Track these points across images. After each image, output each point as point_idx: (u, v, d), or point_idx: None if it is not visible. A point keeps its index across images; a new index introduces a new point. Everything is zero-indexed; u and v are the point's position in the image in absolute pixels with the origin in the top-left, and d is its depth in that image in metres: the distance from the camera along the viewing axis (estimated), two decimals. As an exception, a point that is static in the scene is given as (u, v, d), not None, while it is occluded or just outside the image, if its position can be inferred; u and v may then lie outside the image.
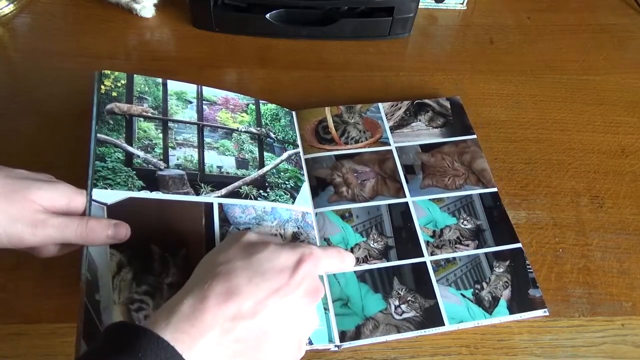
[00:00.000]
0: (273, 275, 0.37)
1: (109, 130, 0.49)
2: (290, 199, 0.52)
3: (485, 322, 0.48)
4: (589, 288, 0.52)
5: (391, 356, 0.47)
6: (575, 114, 0.66)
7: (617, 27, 0.78)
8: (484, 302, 0.49)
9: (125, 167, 0.47)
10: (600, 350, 0.48)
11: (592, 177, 0.60)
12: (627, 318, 0.50)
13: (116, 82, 0.52)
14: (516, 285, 0.50)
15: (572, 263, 0.53)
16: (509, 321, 0.48)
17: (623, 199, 0.58)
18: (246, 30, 0.71)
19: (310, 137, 0.59)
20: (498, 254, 0.52)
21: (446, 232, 0.53)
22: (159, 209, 0.46)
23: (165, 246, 0.44)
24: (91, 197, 0.44)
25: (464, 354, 0.48)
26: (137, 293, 0.42)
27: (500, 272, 0.51)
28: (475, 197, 0.55)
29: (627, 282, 0.52)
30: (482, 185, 0.56)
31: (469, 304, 0.49)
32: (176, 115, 0.53)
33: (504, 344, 0.48)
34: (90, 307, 0.39)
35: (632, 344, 0.49)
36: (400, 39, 0.73)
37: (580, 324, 0.50)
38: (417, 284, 0.49)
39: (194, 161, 0.51)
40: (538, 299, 0.49)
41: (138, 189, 0.46)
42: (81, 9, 0.72)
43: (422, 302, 0.48)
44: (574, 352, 0.48)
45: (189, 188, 0.48)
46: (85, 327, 0.38)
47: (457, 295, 0.49)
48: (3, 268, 0.49)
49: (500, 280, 0.50)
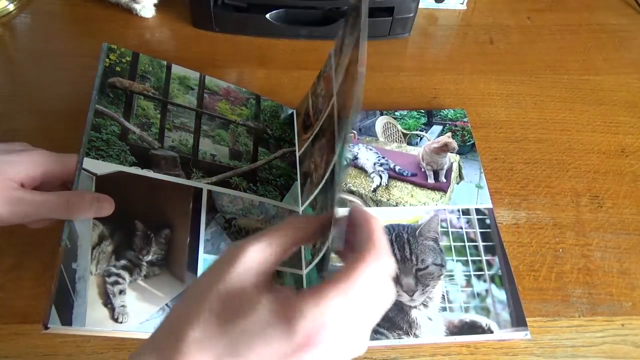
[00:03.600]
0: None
1: (108, 103, 0.49)
2: (279, 196, 0.53)
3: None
4: (589, 288, 0.52)
5: (391, 356, 0.47)
6: (575, 114, 0.66)
7: (617, 27, 0.78)
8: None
9: (120, 141, 0.47)
10: (600, 350, 0.48)
11: (592, 177, 0.60)
12: (627, 318, 0.50)
13: (121, 58, 0.52)
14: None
15: (572, 263, 0.53)
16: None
17: (623, 199, 0.58)
18: (246, 30, 0.71)
19: (300, 129, 0.59)
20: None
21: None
22: (148, 187, 0.46)
23: (149, 224, 0.45)
24: (82, 165, 0.44)
25: (464, 354, 0.48)
26: (114, 267, 0.42)
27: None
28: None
29: (627, 282, 0.52)
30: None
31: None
32: (176, 99, 0.54)
33: (504, 344, 0.48)
34: (66, 275, 0.39)
35: (632, 344, 0.49)
36: (400, 39, 0.73)
37: (580, 324, 0.50)
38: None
39: (188, 145, 0.51)
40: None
41: (130, 165, 0.46)
42: (81, 9, 0.72)
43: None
44: (574, 352, 0.48)
45: (181, 171, 0.49)
46: (57, 294, 0.38)
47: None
48: (3, 268, 0.49)
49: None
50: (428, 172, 0.58)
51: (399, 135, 0.62)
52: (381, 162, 0.59)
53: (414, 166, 0.59)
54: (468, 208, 0.56)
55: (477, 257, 0.53)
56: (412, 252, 0.52)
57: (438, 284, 0.50)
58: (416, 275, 0.50)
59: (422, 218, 0.54)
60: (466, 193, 0.57)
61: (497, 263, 0.52)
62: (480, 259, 0.52)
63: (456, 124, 0.63)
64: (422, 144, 0.61)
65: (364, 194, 0.56)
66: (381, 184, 0.57)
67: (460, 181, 0.58)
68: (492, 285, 0.51)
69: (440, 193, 0.57)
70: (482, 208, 0.56)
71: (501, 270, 0.52)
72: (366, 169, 0.58)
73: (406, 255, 0.51)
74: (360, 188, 0.57)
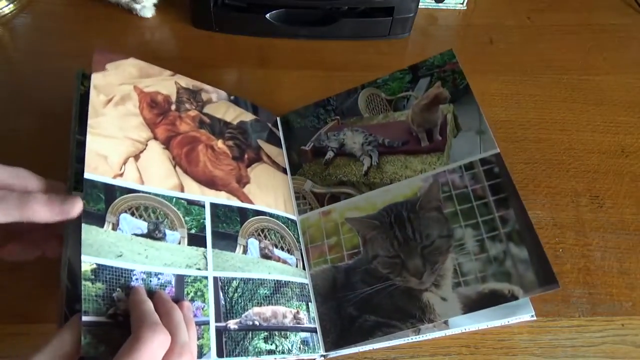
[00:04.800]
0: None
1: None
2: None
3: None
4: (589, 288, 0.52)
5: (391, 356, 0.47)
6: (575, 114, 0.66)
7: (617, 27, 0.78)
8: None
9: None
10: (600, 350, 0.48)
11: (592, 177, 0.60)
12: (627, 318, 0.50)
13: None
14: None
15: (572, 263, 0.53)
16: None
17: (623, 199, 0.58)
18: (246, 30, 0.71)
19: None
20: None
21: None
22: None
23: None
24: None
25: (464, 354, 0.48)
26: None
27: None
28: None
29: (627, 282, 0.52)
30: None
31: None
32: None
33: (504, 344, 0.48)
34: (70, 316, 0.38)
35: (632, 344, 0.49)
36: (400, 39, 0.73)
37: (580, 324, 0.50)
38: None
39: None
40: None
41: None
42: (81, 9, 0.72)
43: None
44: (574, 352, 0.48)
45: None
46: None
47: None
48: (3, 268, 0.49)
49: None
50: (420, 135, 0.53)
51: (383, 105, 0.57)
52: (369, 141, 0.55)
53: (405, 133, 0.54)
54: (471, 161, 0.49)
55: (488, 215, 0.46)
56: (414, 230, 0.47)
57: (448, 258, 0.45)
58: (422, 254, 0.45)
59: (421, 188, 0.49)
60: (466, 144, 0.50)
61: (513, 216, 0.45)
62: (493, 217, 0.46)
63: (444, 69, 0.55)
64: (410, 105, 0.55)
65: (356, 181, 0.53)
66: (372, 164, 0.54)
67: (458, 133, 0.51)
68: (510, 244, 0.44)
69: (437, 154, 0.51)
70: (488, 156, 0.48)
71: (518, 224, 0.45)
72: (354, 153, 0.55)
73: (409, 235, 0.46)
74: (351, 176, 0.54)
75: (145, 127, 0.49)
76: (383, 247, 0.48)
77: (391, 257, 0.47)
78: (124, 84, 0.50)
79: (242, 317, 0.44)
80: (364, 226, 0.51)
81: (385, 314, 0.46)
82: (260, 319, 0.45)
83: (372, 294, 0.47)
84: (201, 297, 0.43)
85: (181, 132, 0.51)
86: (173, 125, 0.51)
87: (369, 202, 0.52)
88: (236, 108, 0.58)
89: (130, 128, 0.48)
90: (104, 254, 0.39)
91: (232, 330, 0.43)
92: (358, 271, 0.49)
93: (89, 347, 0.35)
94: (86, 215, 0.39)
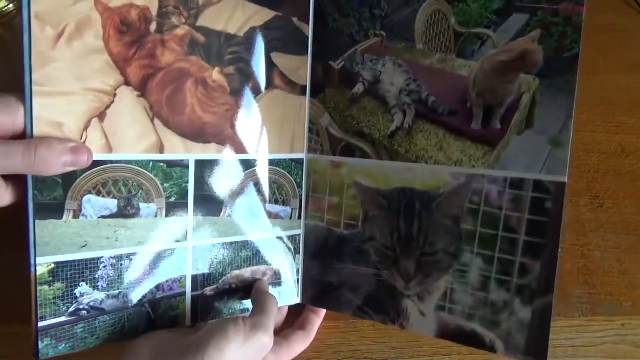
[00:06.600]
0: None
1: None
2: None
3: None
4: (589, 288, 0.52)
5: (391, 356, 0.47)
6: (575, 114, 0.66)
7: (617, 27, 0.77)
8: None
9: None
10: (600, 350, 0.48)
11: (592, 177, 0.60)
12: (627, 318, 0.50)
13: None
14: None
15: (572, 263, 0.53)
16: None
17: (623, 199, 0.58)
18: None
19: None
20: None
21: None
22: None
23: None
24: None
25: (464, 354, 0.48)
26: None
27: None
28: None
29: (627, 282, 0.52)
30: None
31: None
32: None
33: (504, 344, 0.48)
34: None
35: (632, 344, 0.49)
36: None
37: (580, 324, 0.50)
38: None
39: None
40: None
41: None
42: (81, 9, 0.72)
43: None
44: (574, 352, 0.48)
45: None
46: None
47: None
48: (3, 268, 0.49)
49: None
50: (476, 110, 0.38)
51: (448, 37, 0.40)
52: (410, 89, 0.41)
53: (458, 97, 0.39)
54: (523, 178, 0.37)
55: (509, 255, 0.38)
56: (420, 230, 0.40)
57: (443, 278, 0.40)
58: (419, 260, 0.40)
59: (448, 185, 0.39)
60: (528, 152, 0.37)
61: (537, 271, 0.38)
62: (513, 260, 0.38)
63: (557, 8, 0.38)
64: (482, 55, 0.38)
65: (378, 140, 0.42)
66: (404, 124, 0.41)
67: (526, 130, 0.38)
68: (517, 300, 0.38)
69: (484, 148, 0.38)
70: (548, 181, 0.36)
71: (538, 283, 0.38)
72: (387, 100, 0.42)
73: (412, 232, 0.40)
74: (374, 130, 0.42)
75: (113, 67, 0.37)
76: (382, 233, 0.43)
77: (386, 248, 0.43)
78: (80, 0, 0.36)
79: (219, 283, 0.42)
80: (369, 199, 0.44)
81: (362, 298, 0.44)
82: (238, 281, 0.43)
83: (356, 274, 0.44)
84: (178, 271, 0.40)
85: (163, 66, 0.39)
86: (152, 58, 0.38)
87: (383, 174, 0.43)
88: (248, 5, 0.42)
89: (92, 74, 0.36)
90: (65, 250, 0.34)
91: (208, 297, 0.42)
92: (350, 246, 0.45)
93: (48, 348, 0.34)
94: (38, 209, 0.34)
